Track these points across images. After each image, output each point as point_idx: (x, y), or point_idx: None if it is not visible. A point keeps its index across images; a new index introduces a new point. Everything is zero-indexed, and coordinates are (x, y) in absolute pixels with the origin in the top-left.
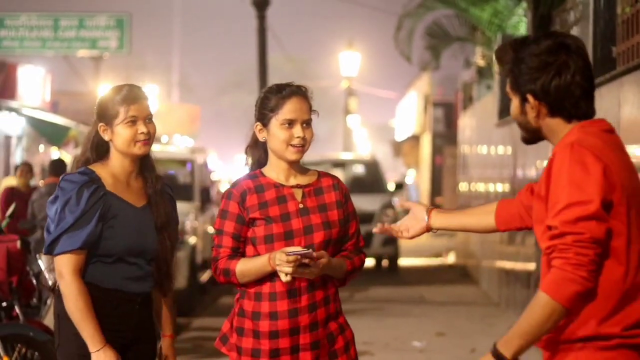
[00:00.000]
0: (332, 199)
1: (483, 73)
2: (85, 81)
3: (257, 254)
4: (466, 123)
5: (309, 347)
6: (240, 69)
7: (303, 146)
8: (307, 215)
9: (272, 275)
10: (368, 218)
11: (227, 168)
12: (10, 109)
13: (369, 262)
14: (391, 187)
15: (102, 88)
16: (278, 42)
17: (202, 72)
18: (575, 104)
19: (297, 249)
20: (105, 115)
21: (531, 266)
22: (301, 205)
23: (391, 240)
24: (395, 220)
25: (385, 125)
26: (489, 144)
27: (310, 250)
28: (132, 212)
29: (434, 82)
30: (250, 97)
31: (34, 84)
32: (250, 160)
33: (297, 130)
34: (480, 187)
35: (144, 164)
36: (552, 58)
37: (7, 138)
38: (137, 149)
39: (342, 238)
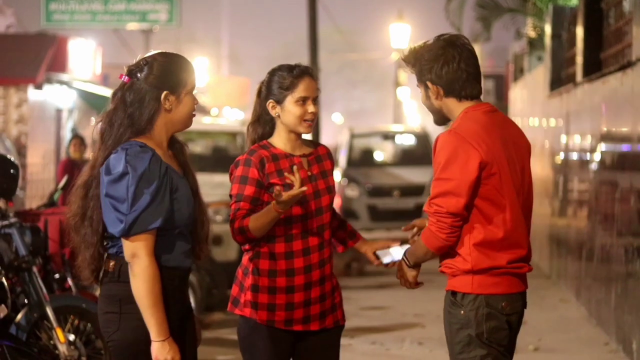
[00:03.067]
0: (329, 167)
1: (534, 44)
2: (136, 54)
3: None
4: (517, 95)
5: (318, 300)
6: (289, 41)
7: (313, 120)
8: (315, 181)
9: (289, 237)
10: (418, 190)
11: None
12: (61, 82)
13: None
14: None
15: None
16: (328, 14)
17: (251, 45)
18: (462, 85)
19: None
20: (174, 82)
21: (582, 238)
22: (309, 173)
23: None
24: None
25: None
26: (540, 115)
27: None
28: (182, 181)
29: (484, 53)
30: None
31: (84, 57)
32: (253, 135)
33: (310, 107)
34: (532, 158)
35: None
36: (441, 51)
37: (58, 111)
38: (192, 122)
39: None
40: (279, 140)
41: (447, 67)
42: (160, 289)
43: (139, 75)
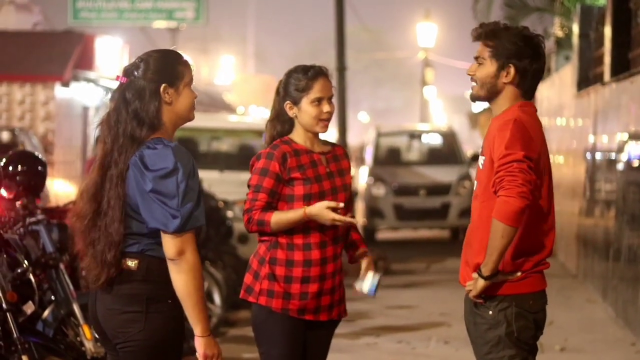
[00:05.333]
0: (346, 166)
1: (561, 44)
2: None
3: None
4: (544, 94)
5: (329, 292)
6: (315, 39)
7: (329, 120)
8: (333, 178)
9: (307, 229)
10: (445, 189)
11: None
12: (88, 80)
13: (446, 233)
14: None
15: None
16: (355, 12)
17: (277, 43)
18: (534, 86)
19: (331, 203)
20: (172, 75)
21: (610, 238)
22: (328, 170)
23: (468, 212)
24: (471, 192)
25: (461, 96)
26: (567, 115)
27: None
28: None
29: None
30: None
31: (111, 55)
32: (272, 132)
33: (325, 107)
34: (559, 158)
35: None
36: (537, 48)
37: (85, 109)
38: (194, 115)
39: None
40: (299, 137)
41: (538, 64)
42: (203, 285)
43: (135, 73)
